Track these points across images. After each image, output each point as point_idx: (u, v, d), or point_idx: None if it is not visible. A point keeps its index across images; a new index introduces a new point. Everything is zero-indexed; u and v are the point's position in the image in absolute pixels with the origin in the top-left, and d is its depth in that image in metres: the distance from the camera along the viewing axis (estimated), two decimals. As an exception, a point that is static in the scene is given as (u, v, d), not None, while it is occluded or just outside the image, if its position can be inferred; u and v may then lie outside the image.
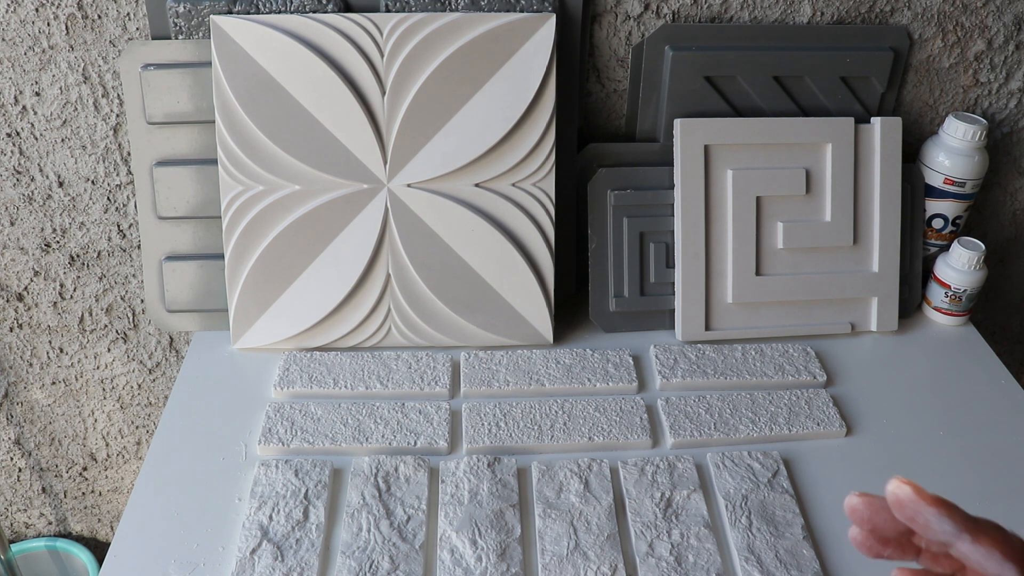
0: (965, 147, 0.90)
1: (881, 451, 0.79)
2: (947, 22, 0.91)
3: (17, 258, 0.98)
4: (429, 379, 0.83)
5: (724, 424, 0.80)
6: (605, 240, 0.89)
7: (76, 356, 1.06)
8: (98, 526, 1.25)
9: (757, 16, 0.89)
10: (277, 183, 0.83)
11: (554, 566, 0.66)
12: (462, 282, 0.86)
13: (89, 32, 0.84)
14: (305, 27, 0.80)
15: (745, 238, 0.89)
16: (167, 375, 1.09)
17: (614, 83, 0.92)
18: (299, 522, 0.69)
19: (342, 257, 0.84)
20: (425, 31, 0.80)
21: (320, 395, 0.82)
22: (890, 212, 0.91)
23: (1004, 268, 1.10)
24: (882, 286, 0.92)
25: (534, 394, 0.83)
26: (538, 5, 0.83)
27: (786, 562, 0.67)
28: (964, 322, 0.96)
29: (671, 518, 0.70)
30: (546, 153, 0.84)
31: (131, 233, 0.96)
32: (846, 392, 0.86)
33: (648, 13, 0.87)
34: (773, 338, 0.91)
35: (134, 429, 1.14)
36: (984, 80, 0.94)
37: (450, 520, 0.69)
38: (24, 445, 1.14)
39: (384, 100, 0.81)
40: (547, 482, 0.73)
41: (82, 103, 0.88)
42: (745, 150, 0.88)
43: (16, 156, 0.91)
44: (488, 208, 0.85)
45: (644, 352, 0.88)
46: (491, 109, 0.82)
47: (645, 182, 0.89)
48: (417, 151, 0.82)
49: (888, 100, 0.92)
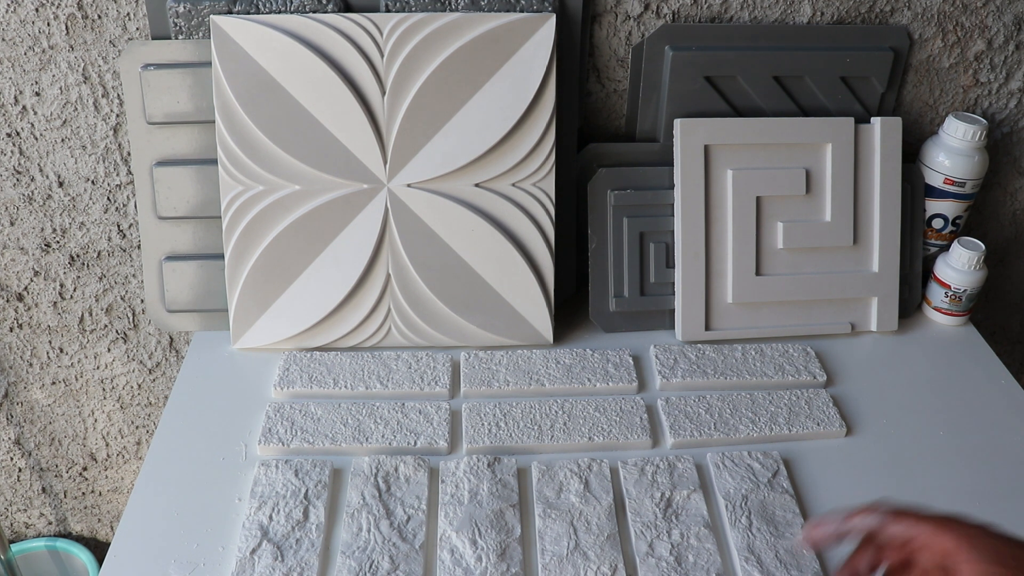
0: (965, 147, 0.90)
1: (881, 451, 0.79)
2: (947, 22, 0.91)
3: (17, 258, 0.98)
4: (429, 379, 0.83)
5: (724, 424, 0.80)
6: (605, 240, 0.89)
7: (76, 356, 1.06)
8: (98, 526, 1.26)
9: (757, 16, 0.89)
10: (277, 183, 0.83)
11: (554, 566, 0.66)
12: (462, 282, 0.86)
13: (89, 32, 0.84)
14: (305, 27, 0.80)
15: (745, 238, 0.89)
16: (167, 375, 1.09)
17: (614, 83, 0.92)
18: (299, 522, 0.69)
19: (342, 257, 0.84)
20: (425, 31, 0.80)
21: (320, 395, 0.82)
22: (890, 212, 0.91)
23: (1004, 268, 1.10)
24: (882, 286, 0.92)
25: (534, 394, 0.83)
26: (538, 5, 0.83)
27: (786, 562, 0.67)
28: (964, 322, 0.96)
29: (671, 518, 0.70)
30: (546, 153, 0.84)
31: (131, 233, 0.97)
32: (846, 392, 0.86)
33: (648, 13, 0.87)
34: (773, 338, 0.91)
35: (134, 429, 1.14)
36: (984, 80, 0.94)
37: (450, 520, 0.69)
38: (24, 445, 1.14)
39: (384, 100, 0.81)
40: (547, 482, 0.73)
41: (82, 103, 0.88)
42: (745, 150, 0.88)
43: (16, 156, 0.91)
44: (488, 208, 0.85)
45: (644, 352, 0.88)
46: (491, 109, 0.82)
47: (645, 182, 0.89)
48: (417, 151, 0.82)
49: (888, 100, 0.92)
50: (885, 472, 0.77)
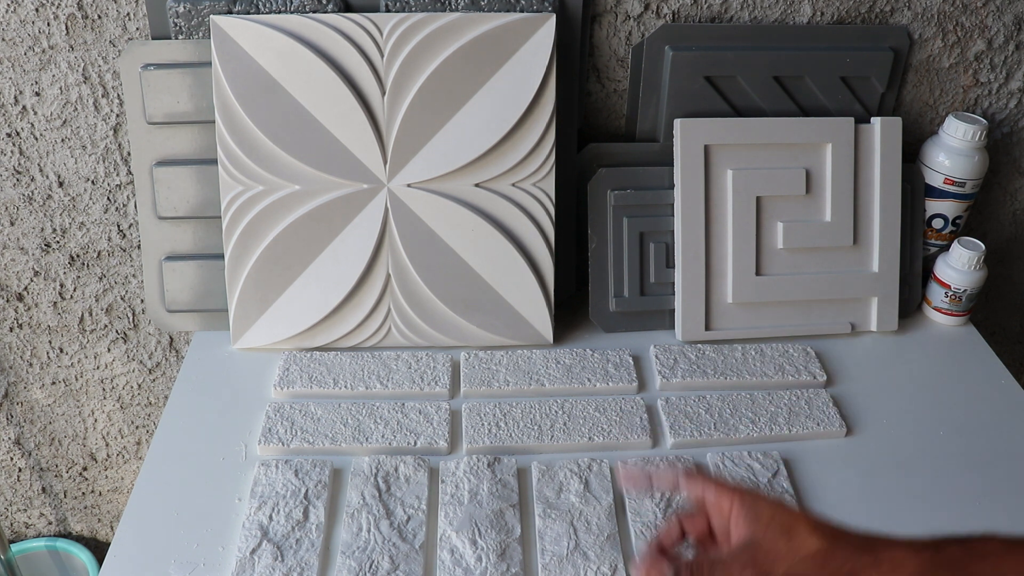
0: (965, 147, 0.90)
1: (881, 451, 0.79)
2: (947, 22, 0.91)
3: (17, 258, 0.98)
4: (429, 379, 0.83)
5: (724, 424, 0.80)
6: (605, 240, 0.89)
7: (76, 356, 1.06)
8: (98, 526, 1.26)
9: (757, 16, 0.89)
10: (277, 183, 0.83)
11: (554, 566, 0.66)
12: (462, 282, 0.86)
13: (89, 32, 0.84)
14: (305, 27, 0.80)
15: (745, 238, 0.89)
16: (167, 375, 1.09)
17: (614, 83, 0.92)
18: (299, 522, 0.69)
19: (342, 257, 0.84)
20: (425, 31, 0.80)
21: (320, 395, 0.82)
22: (890, 212, 0.91)
23: (1004, 268, 1.10)
24: (882, 286, 0.92)
25: (534, 394, 0.83)
26: (538, 5, 0.83)
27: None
28: (964, 322, 0.96)
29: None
30: (546, 153, 0.84)
31: (131, 233, 0.97)
32: (846, 392, 0.86)
33: (648, 13, 0.87)
34: (773, 338, 0.91)
35: (134, 429, 1.14)
36: (984, 80, 0.94)
37: (450, 520, 0.69)
38: (24, 445, 1.14)
39: (384, 100, 0.81)
40: (547, 482, 0.73)
41: (82, 103, 0.88)
42: (745, 150, 0.88)
43: (16, 156, 0.91)
44: (488, 208, 0.85)
45: (644, 352, 0.88)
46: (491, 109, 0.82)
47: (645, 182, 0.89)
48: (417, 151, 0.82)
49: (888, 100, 0.92)
50: (885, 472, 0.77)
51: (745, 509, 0.52)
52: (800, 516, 0.51)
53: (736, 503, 0.53)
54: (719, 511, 0.54)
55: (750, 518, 0.52)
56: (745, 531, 0.52)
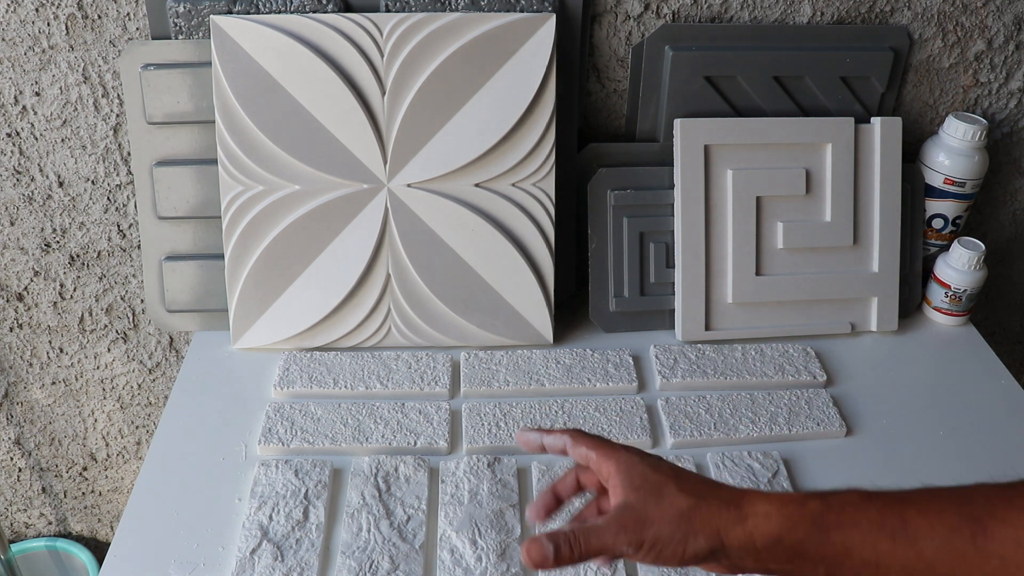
0: (965, 147, 0.90)
1: (881, 451, 0.79)
2: (947, 22, 0.91)
3: (17, 258, 0.98)
4: (429, 379, 0.83)
5: (724, 424, 0.80)
6: (605, 240, 0.89)
7: (76, 356, 1.06)
8: (98, 526, 1.25)
9: (757, 16, 0.89)
10: (277, 183, 0.83)
11: (554, 566, 0.66)
12: (462, 282, 0.86)
13: (89, 32, 0.84)
14: (305, 27, 0.80)
15: (745, 238, 0.89)
16: (167, 375, 1.09)
17: (614, 83, 0.92)
18: (299, 522, 0.69)
19: (342, 257, 0.84)
20: (425, 31, 0.80)
21: (320, 395, 0.82)
22: (890, 212, 0.91)
23: (1004, 268, 1.10)
24: (882, 286, 0.92)
25: (534, 394, 0.83)
26: (538, 5, 0.83)
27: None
28: (964, 322, 0.96)
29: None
30: (546, 153, 0.84)
31: (131, 233, 0.97)
32: (846, 392, 0.86)
33: (648, 13, 0.87)
34: (773, 338, 0.91)
35: (134, 429, 1.14)
36: (984, 80, 0.94)
37: (450, 520, 0.69)
38: (24, 445, 1.14)
39: (384, 100, 0.81)
40: (547, 482, 0.73)
41: (82, 103, 0.88)
42: (745, 150, 0.88)
43: (16, 156, 0.91)
44: (488, 208, 0.85)
45: (644, 352, 0.88)
46: (491, 109, 0.82)
47: (645, 182, 0.89)
48: (417, 151, 0.82)
49: (888, 100, 0.92)
50: (885, 472, 0.77)
51: (620, 474, 0.52)
52: (669, 476, 0.51)
53: (613, 467, 0.53)
54: (601, 475, 0.54)
55: (624, 483, 0.51)
56: (620, 495, 0.51)
